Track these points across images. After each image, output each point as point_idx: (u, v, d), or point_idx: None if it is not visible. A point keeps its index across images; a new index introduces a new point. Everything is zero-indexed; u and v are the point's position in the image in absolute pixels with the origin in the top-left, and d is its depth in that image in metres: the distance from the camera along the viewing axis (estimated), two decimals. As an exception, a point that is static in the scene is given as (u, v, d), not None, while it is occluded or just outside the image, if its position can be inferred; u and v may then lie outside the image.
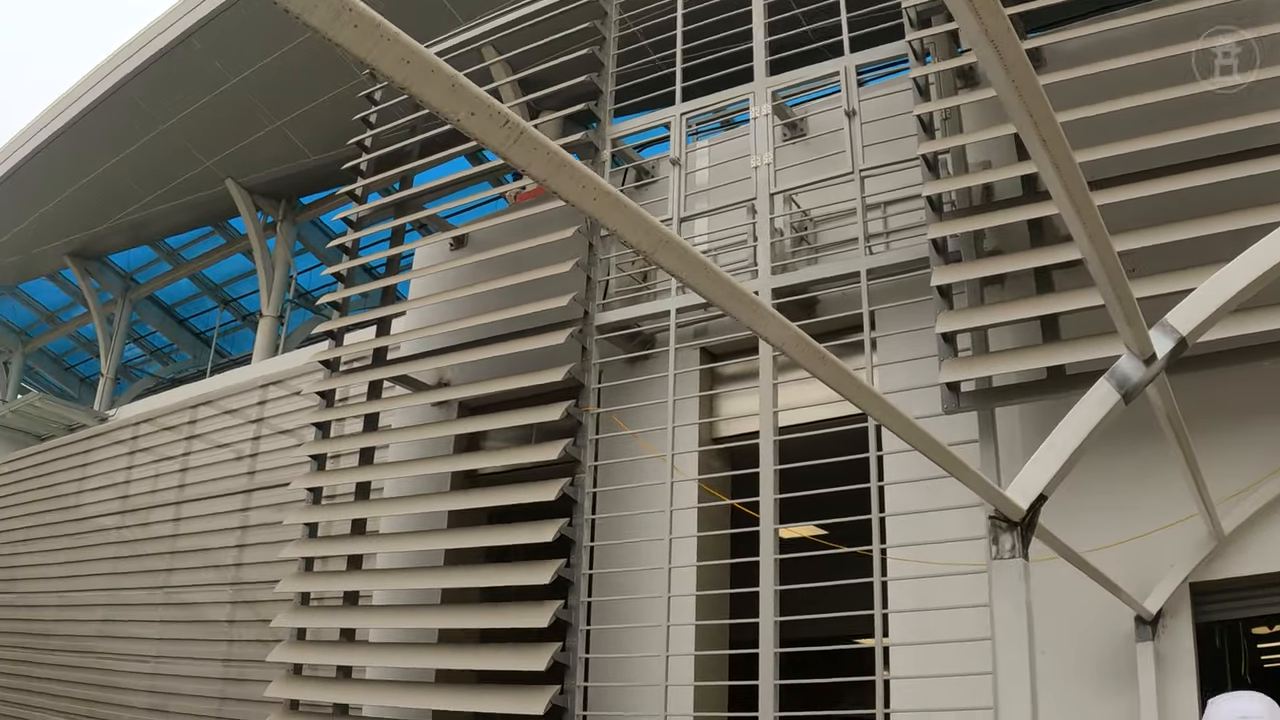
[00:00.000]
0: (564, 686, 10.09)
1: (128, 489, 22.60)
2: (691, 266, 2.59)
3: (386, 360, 12.92)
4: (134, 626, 21.12)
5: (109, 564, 22.58)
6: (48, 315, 39.99)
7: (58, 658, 24.36)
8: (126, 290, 33.80)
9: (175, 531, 20.37)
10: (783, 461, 9.61)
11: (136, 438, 22.86)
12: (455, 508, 11.94)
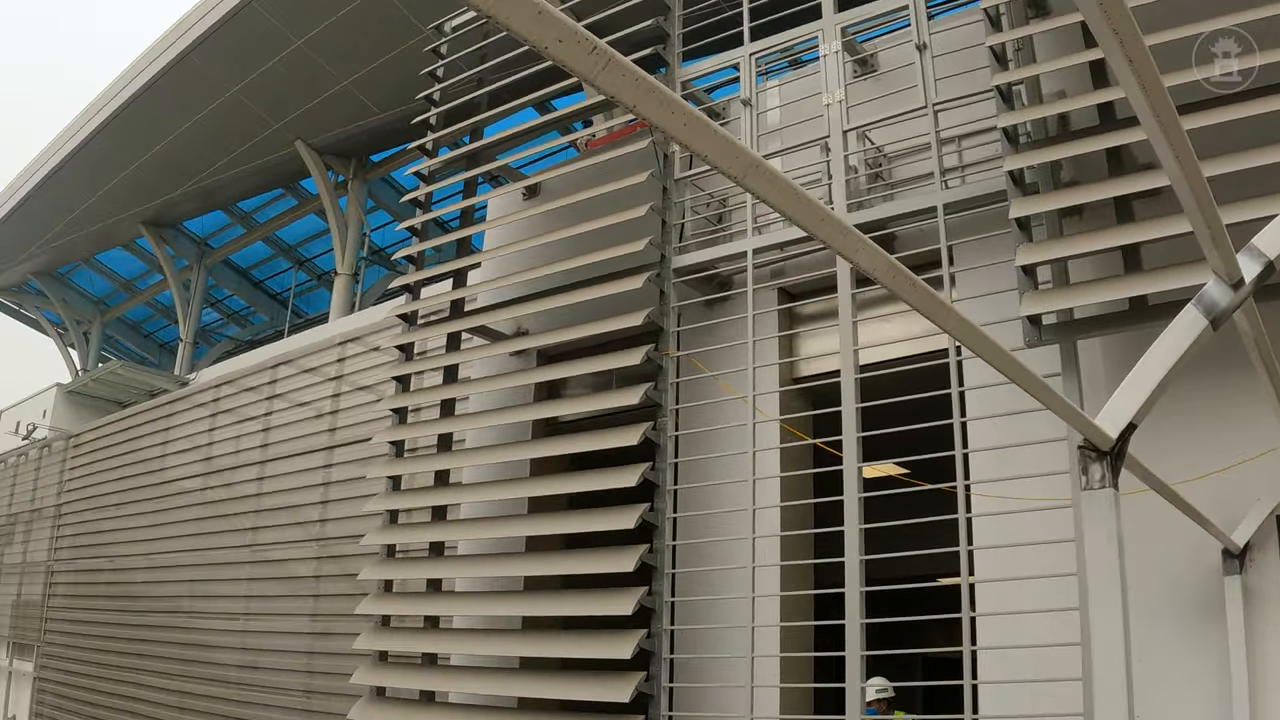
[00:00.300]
0: (650, 630, 10.13)
1: (211, 450, 22.87)
2: (781, 191, 2.56)
3: (464, 312, 12.96)
4: (222, 585, 21.41)
5: (195, 525, 22.88)
6: (125, 284, 40.44)
7: (148, 619, 24.74)
8: (202, 255, 34.11)
9: (259, 490, 20.59)
10: (864, 400, 9.55)
11: (218, 400, 23.11)
12: (537, 455, 11.95)
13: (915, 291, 3.24)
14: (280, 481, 19.88)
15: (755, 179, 2.48)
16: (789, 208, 2.61)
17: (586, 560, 10.66)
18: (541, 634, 11.58)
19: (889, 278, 3.12)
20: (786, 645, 10.17)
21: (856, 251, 2.94)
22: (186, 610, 22.85)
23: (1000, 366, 3.68)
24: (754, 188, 2.49)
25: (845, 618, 9.17)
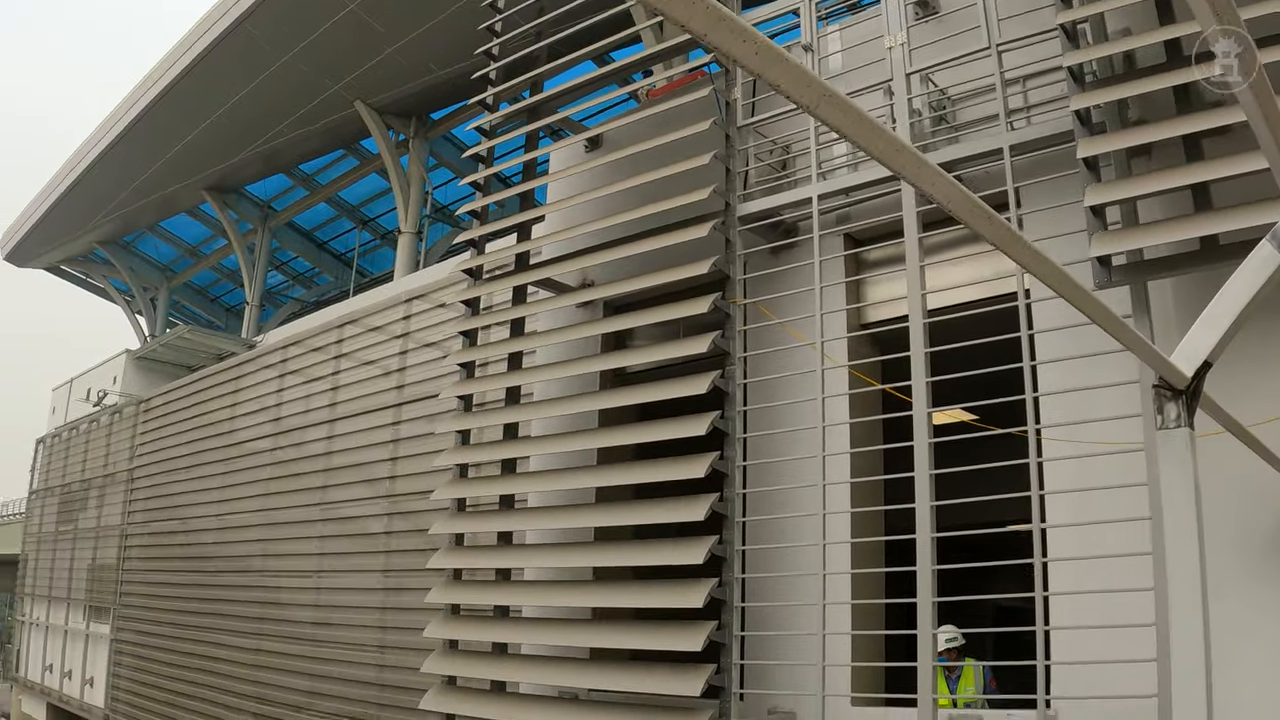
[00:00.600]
0: (722, 578, 10.17)
1: (279, 411, 23.08)
2: (854, 120, 2.55)
3: (529, 265, 12.98)
4: (293, 544, 21.65)
5: (265, 485, 23.13)
6: (190, 250, 40.82)
7: (222, 579, 25.08)
8: (265, 219, 34.35)
9: (329, 449, 20.77)
10: (932, 345, 9.51)
11: (285, 360, 23.31)
12: (606, 406, 12.02)
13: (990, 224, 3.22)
14: (349, 440, 20.04)
15: (828, 108, 2.47)
16: (862, 137, 2.60)
17: (657, 510, 10.69)
18: (613, 584, 11.63)
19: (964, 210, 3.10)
20: (858, 593, 10.15)
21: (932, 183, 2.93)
22: (259, 569, 23.13)
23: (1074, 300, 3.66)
24: (826, 117, 2.48)
25: (916, 564, 9.16)
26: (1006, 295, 9.31)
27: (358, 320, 20.68)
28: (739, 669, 10.31)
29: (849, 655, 10.02)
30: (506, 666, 12.18)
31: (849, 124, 2.53)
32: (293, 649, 21.33)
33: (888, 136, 2.63)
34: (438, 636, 12.57)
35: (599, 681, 11.13)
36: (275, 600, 22.29)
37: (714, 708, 10.07)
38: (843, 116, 2.50)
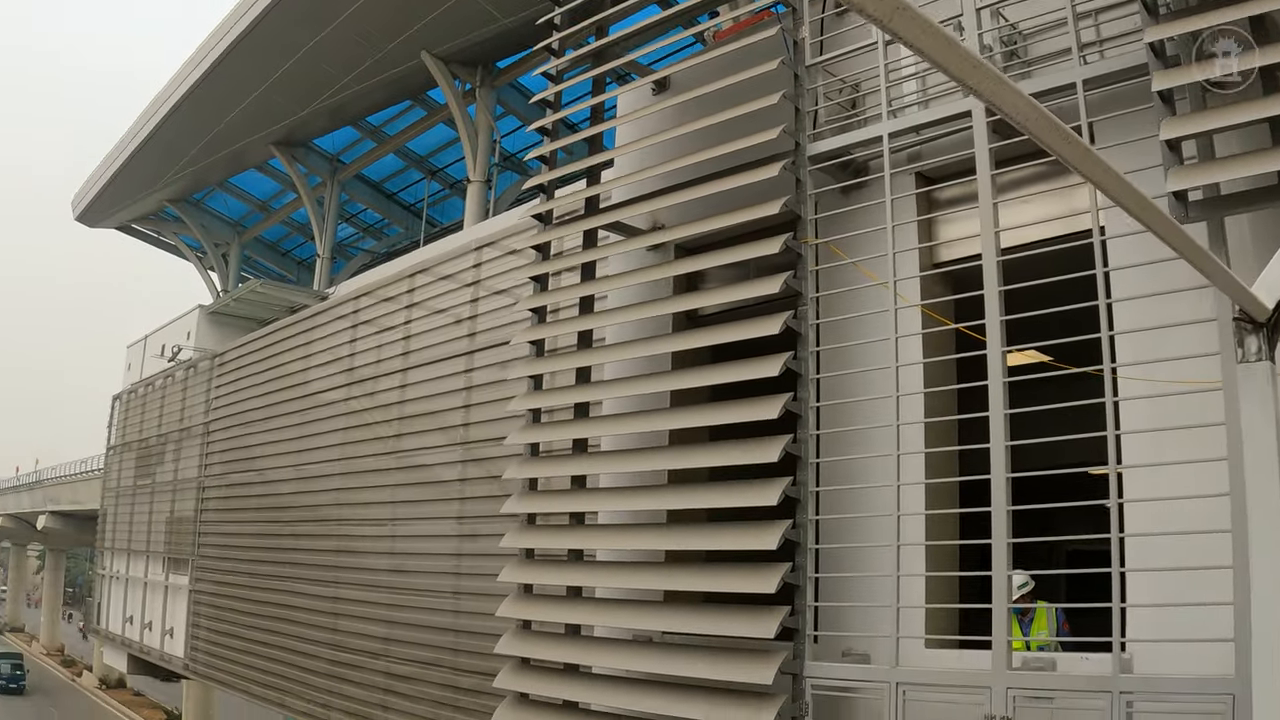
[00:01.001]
0: (795, 520, 10.20)
1: (352, 361, 23.26)
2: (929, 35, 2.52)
3: (599, 209, 12.97)
4: (368, 493, 21.85)
5: (340, 435, 23.34)
6: (260, 205, 41.10)
7: (298, 528, 25.37)
8: (334, 172, 34.52)
9: (402, 398, 20.92)
10: (1006, 284, 9.42)
11: (357, 311, 23.45)
12: (678, 349, 11.98)
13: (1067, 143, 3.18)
14: (422, 388, 20.16)
15: (901, 22, 2.44)
16: (937, 53, 2.56)
17: (731, 452, 10.69)
18: (687, 527, 11.65)
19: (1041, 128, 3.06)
20: (932, 534, 10.13)
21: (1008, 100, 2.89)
22: (334, 519, 23.36)
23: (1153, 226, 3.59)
24: (900, 30, 2.45)
25: (991, 504, 9.11)
26: (1080, 233, 9.19)
27: (429, 269, 20.75)
28: (813, 611, 10.31)
29: (923, 597, 10.01)
30: (580, 610, 12.25)
31: (924, 38, 2.49)
32: (368, 597, 21.55)
33: (963, 51, 2.60)
34: (513, 581, 12.67)
35: (673, 624, 11.20)
36: (351, 549, 22.53)
37: (788, 650, 10.11)
38: (917, 30, 2.46)
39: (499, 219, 20.45)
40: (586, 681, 12.05)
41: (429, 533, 19.61)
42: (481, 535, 17.42)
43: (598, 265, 13.10)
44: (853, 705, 10.15)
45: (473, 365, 18.58)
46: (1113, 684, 8.29)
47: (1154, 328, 8.57)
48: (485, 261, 18.75)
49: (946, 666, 9.70)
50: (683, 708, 10.59)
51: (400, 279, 21.81)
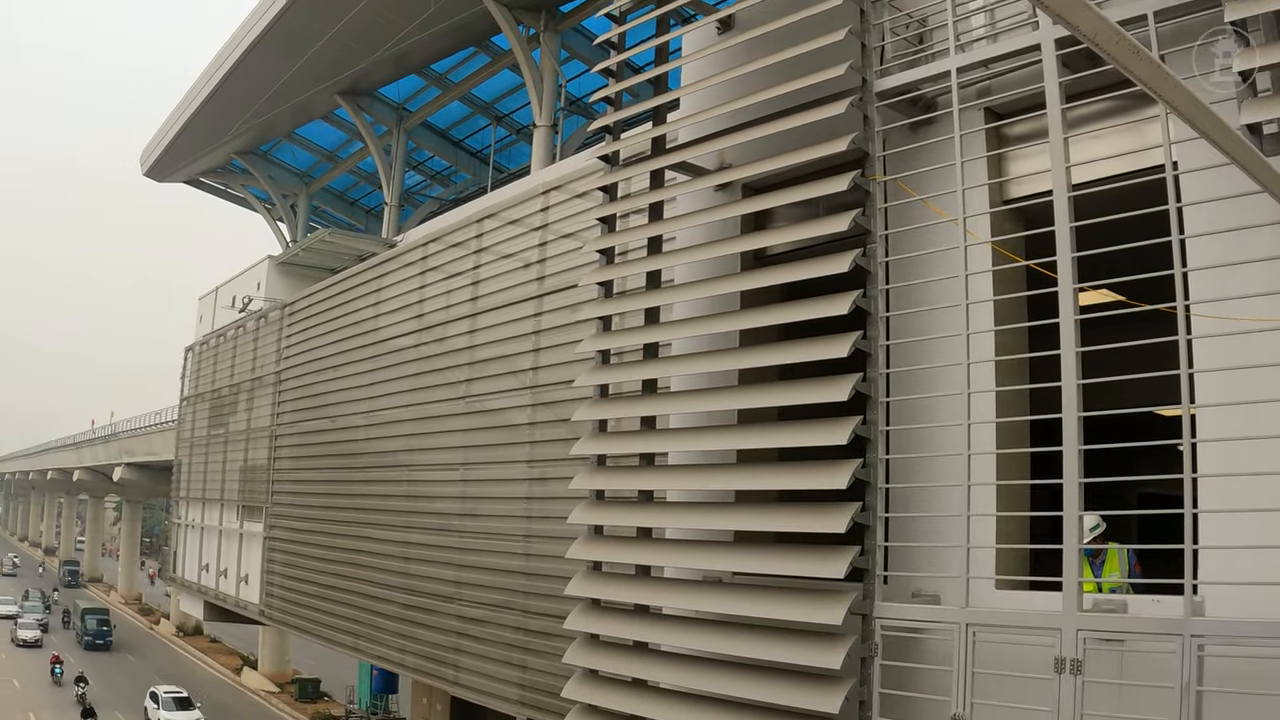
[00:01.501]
0: (865, 460, 10.18)
1: (422, 308, 23.39)
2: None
3: (665, 149, 12.91)
4: (439, 438, 22.01)
5: (410, 381, 23.52)
6: (327, 155, 41.31)
7: (369, 474, 25.62)
8: (400, 120, 34.62)
9: (471, 343, 21.02)
10: (1077, 220, 9.28)
11: (426, 258, 23.56)
12: (746, 288, 11.95)
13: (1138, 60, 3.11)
14: (492, 333, 20.25)
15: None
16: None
17: (800, 391, 10.68)
18: (757, 467, 11.65)
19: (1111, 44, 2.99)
20: (1002, 473, 10.04)
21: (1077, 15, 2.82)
22: (406, 464, 23.58)
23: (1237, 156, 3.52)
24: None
25: (1063, 444, 9.02)
26: (1153, 168, 9.04)
27: (496, 214, 20.79)
28: (883, 551, 10.30)
29: (993, 537, 9.94)
30: (650, 551, 12.30)
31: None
32: (440, 541, 21.76)
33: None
34: (583, 522, 12.72)
35: (743, 565, 11.22)
36: (422, 493, 22.74)
37: (858, 590, 10.11)
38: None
39: (566, 163, 20.44)
40: (656, 622, 12.11)
41: (499, 476, 19.74)
42: (552, 478, 17.52)
43: (665, 206, 13.06)
44: (922, 646, 10.12)
45: (541, 309, 18.63)
46: (1184, 627, 8.22)
47: (1229, 264, 8.42)
48: (553, 205, 18.76)
49: (1016, 608, 9.63)
50: (752, 648, 10.63)
51: (468, 224, 21.87)
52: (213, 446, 38.84)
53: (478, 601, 20.17)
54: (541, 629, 17.82)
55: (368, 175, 40.56)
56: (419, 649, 22.56)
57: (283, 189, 43.50)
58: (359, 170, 40.98)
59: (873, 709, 10.03)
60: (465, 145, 37.00)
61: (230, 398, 37.38)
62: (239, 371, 36.57)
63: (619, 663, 12.26)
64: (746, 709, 10.72)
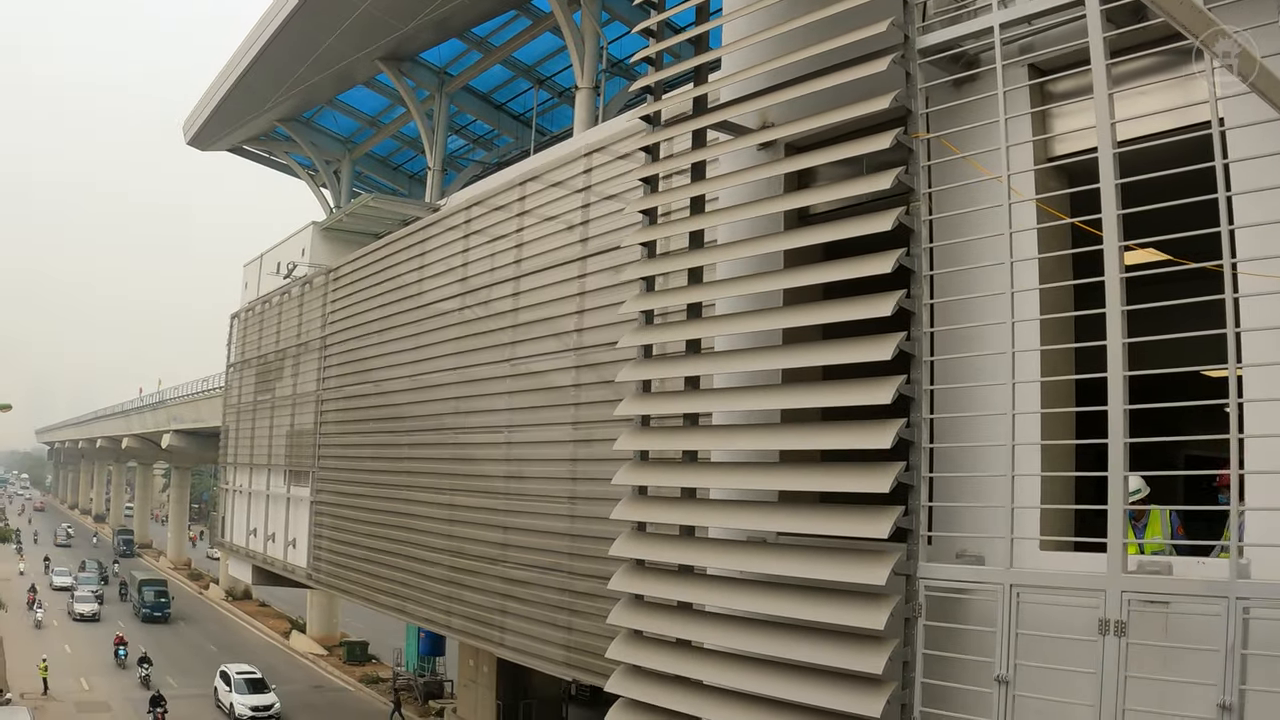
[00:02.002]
0: (909, 419, 10.15)
1: (465, 271, 23.47)
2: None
3: (707, 108, 12.87)
4: (484, 400, 22.11)
5: (454, 344, 23.63)
6: (369, 120, 41.46)
7: (415, 437, 25.78)
8: (442, 84, 34.65)
9: (515, 306, 21.07)
10: (1122, 177, 9.18)
11: (469, 221, 23.61)
12: (790, 247, 11.91)
13: (1185, 10, 3.05)
14: (535, 295, 20.30)
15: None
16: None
17: (844, 350, 10.65)
18: (802, 427, 11.63)
19: None
20: (1047, 433, 9.98)
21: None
22: (451, 427, 23.71)
23: None
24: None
25: (1108, 404, 8.95)
26: (1199, 124, 8.92)
27: (539, 177, 20.81)
28: (927, 511, 10.26)
29: (1038, 498, 9.87)
30: (695, 511, 12.31)
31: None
32: (485, 504, 21.90)
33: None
34: (627, 483, 12.74)
35: (787, 525, 11.21)
36: (467, 456, 22.88)
37: (902, 550, 10.09)
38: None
39: (608, 125, 20.44)
40: (700, 583, 12.15)
41: (544, 438, 19.82)
42: (596, 440, 17.58)
43: (707, 166, 13.03)
44: (966, 607, 10.10)
45: (585, 271, 18.65)
46: (1230, 589, 8.14)
47: (1277, 221, 8.31)
48: (596, 167, 18.74)
49: (1060, 569, 9.58)
50: (796, 609, 10.63)
51: (511, 187, 21.90)
52: (259, 412, 39.16)
53: (523, 563, 20.30)
54: (586, 590, 17.92)
55: (410, 140, 40.68)
56: (465, 611, 22.74)
57: (326, 155, 43.68)
58: (402, 135, 41.10)
59: (916, 670, 10.02)
60: (507, 109, 37.05)
61: (276, 363, 37.66)
62: (284, 337, 36.83)
63: (663, 623, 12.30)
64: (791, 669, 10.74)
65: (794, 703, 10.59)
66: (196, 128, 44.04)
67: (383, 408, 27.99)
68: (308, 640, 62.17)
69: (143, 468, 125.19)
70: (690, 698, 11.75)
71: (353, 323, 30.37)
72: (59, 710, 45.42)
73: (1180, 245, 8.92)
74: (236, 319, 43.44)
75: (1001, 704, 9.38)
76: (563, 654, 18.85)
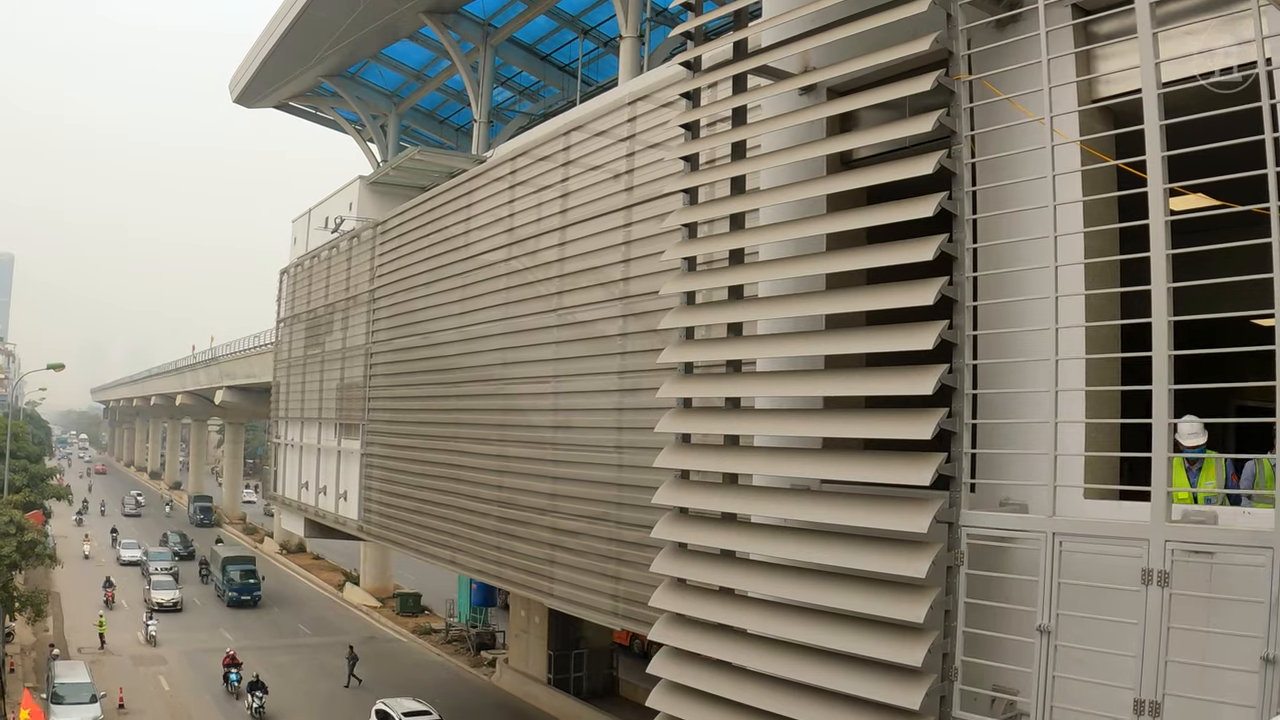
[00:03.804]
0: (952, 365, 10.07)
1: (512, 222, 23.44)
2: None
3: (748, 53, 12.73)
4: (532, 350, 22.12)
5: (502, 295, 23.63)
6: (415, 74, 41.40)
7: (463, 389, 25.84)
8: (486, 37, 34.51)
9: (561, 255, 21.04)
10: (1167, 119, 9.01)
11: (515, 172, 23.55)
12: (832, 191, 11.79)
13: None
14: (581, 245, 20.25)
15: None
16: None
17: (886, 295, 10.60)
18: (845, 373, 11.58)
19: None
20: (1091, 379, 9.87)
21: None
22: (499, 378, 23.75)
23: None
24: None
25: (1152, 349, 8.83)
26: (1247, 64, 8.75)
27: (584, 127, 20.72)
28: (969, 458, 10.20)
29: (1082, 445, 9.78)
30: (738, 458, 12.32)
31: None
32: (534, 453, 21.93)
33: None
34: (670, 430, 12.73)
35: (830, 471, 11.19)
36: (515, 407, 22.92)
37: (944, 498, 10.07)
38: None
39: (652, 74, 20.31)
40: (744, 530, 12.16)
41: (591, 388, 19.83)
42: (643, 389, 17.55)
43: (748, 110, 12.92)
44: (1008, 555, 10.07)
45: (631, 220, 18.58)
46: (1274, 539, 8.06)
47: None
48: (640, 115, 18.63)
49: (1104, 517, 9.48)
50: (839, 556, 10.63)
51: (555, 137, 21.82)
52: (310, 366, 39.36)
53: (571, 513, 20.35)
54: (634, 540, 17.93)
55: (456, 93, 40.63)
56: (515, 561, 22.84)
57: (372, 110, 43.72)
58: (447, 88, 41.04)
59: (958, 618, 10.00)
60: (552, 60, 36.92)
61: (325, 318, 37.81)
62: (333, 292, 36.94)
63: (706, 571, 12.34)
64: (833, 617, 10.75)
65: (836, 651, 10.60)
66: (242, 85, 44.19)
67: (431, 360, 28.08)
68: (361, 592, 62.51)
69: (197, 424, 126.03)
70: (733, 645, 11.79)
71: (401, 275, 30.46)
72: (115, 664, 45.63)
73: (1227, 189, 8.78)
74: (285, 274, 43.61)
75: (1043, 653, 9.34)
76: (610, 603, 18.91)
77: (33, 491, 58.08)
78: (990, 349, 10.38)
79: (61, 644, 48.00)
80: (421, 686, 40.02)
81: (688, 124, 13.20)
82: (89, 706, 35.85)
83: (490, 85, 35.32)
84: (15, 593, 41.77)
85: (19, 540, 39.78)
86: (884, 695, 10.07)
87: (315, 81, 42.88)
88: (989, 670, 9.99)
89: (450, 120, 44.70)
